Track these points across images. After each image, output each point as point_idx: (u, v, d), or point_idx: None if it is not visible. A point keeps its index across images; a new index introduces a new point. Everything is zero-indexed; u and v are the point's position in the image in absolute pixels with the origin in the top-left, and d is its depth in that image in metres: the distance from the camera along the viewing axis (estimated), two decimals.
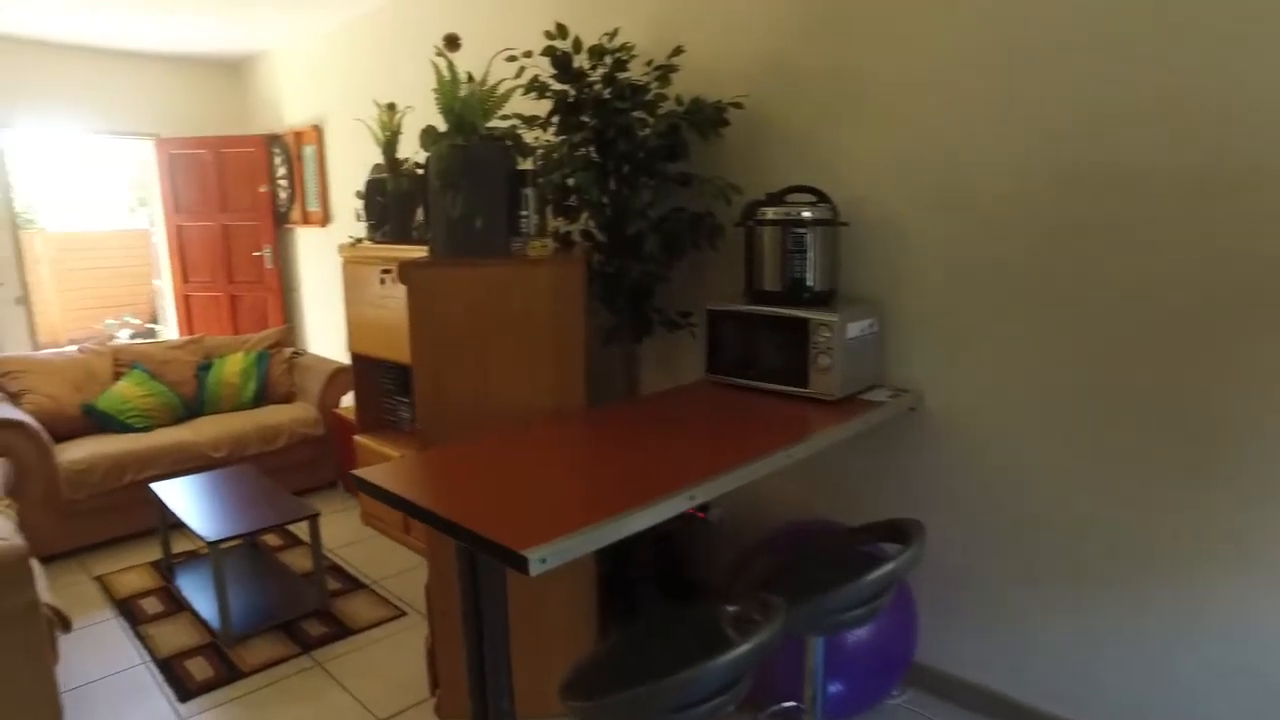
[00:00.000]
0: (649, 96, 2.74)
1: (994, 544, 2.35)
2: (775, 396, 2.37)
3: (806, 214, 2.36)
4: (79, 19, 4.61)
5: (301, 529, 4.00)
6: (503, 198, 2.44)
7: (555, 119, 2.78)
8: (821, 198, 2.43)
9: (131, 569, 3.64)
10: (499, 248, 2.44)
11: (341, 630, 3.07)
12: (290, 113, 5.42)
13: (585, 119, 2.74)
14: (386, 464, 1.81)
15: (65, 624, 2.54)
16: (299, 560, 3.68)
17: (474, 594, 1.66)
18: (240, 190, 5.61)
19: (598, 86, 2.74)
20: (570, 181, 2.65)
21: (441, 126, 2.48)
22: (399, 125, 3.72)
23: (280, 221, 5.64)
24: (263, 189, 5.53)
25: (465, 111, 2.40)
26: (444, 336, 2.35)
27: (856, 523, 2.46)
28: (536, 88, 2.75)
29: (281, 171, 5.51)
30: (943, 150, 2.28)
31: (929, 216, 2.34)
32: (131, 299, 10.86)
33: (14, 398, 4.01)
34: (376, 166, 3.84)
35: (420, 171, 3.67)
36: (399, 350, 3.63)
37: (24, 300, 5.28)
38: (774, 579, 1.81)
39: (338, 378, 4.58)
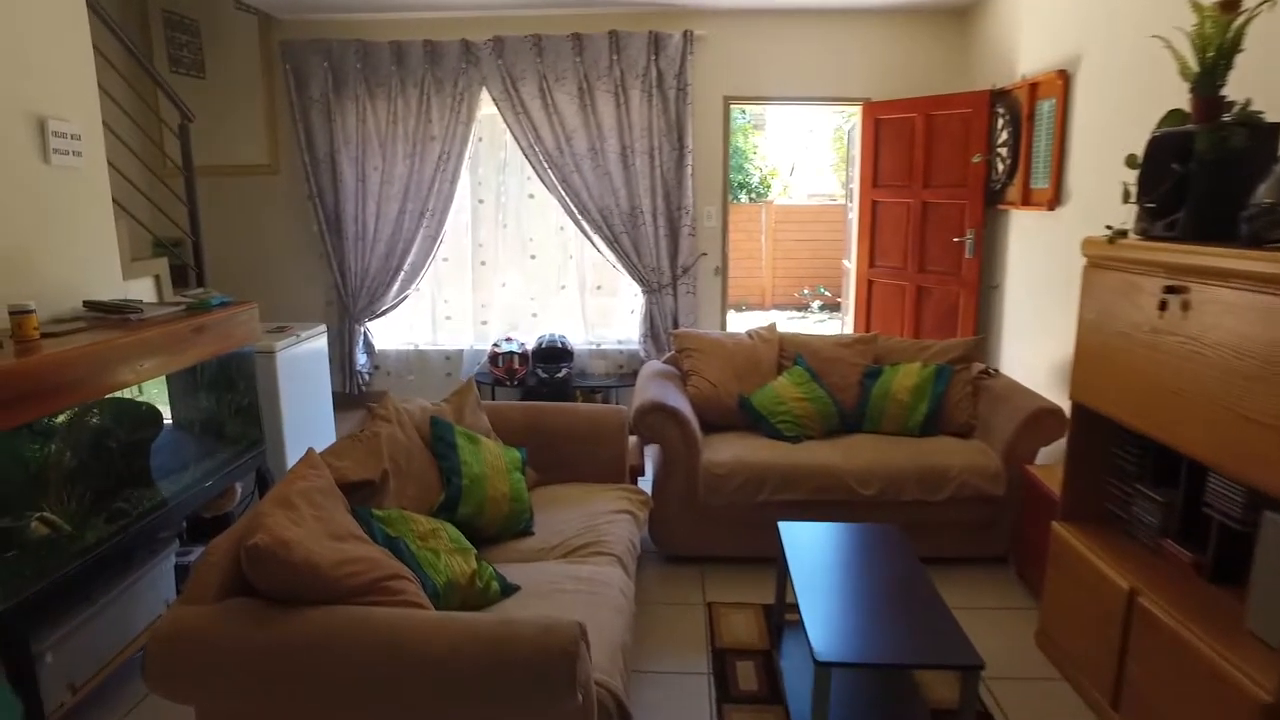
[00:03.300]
0: None
1: None
2: None
3: None
4: None
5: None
6: None
7: None
8: None
9: (743, 607, 3.04)
10: None
11: None
12: (1027, 58, 4.15)
13: None
14: None
15: (625, 718, 1.92)
16: (943, 687, 2.58)
17: None
18: (948, 161, 4.60)
19: None
20: None
21: None
22: (1237, 37, 2.17)
23: (991, 201, 4.48)
24: (976, 159, 4.43)
25: None
26: None
27: None
28: None
29: (1003, 137, 4.31)
30: None
31: None
32: (828, 271, 11.14)
33: (684, 377, 3.79)
34: (1172, 115, 2.36)
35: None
36: (1164, 421, 2.15)
37: (721, 271, 5.25)
38: None
39: (1041, 422, 3.25)
